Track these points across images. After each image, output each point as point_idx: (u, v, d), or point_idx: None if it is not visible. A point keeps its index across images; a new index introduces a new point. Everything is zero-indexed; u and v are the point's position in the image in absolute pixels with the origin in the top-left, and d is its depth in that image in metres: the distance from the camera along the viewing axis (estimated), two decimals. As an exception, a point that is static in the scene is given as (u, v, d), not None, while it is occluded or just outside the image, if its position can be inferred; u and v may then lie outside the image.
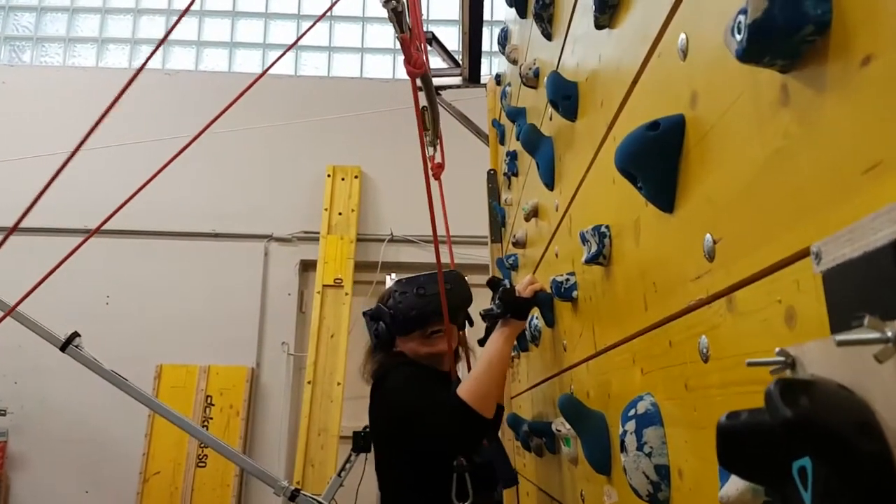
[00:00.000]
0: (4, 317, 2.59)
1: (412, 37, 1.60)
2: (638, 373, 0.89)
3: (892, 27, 0.42)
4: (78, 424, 4.84)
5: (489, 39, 5.43)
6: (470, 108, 3.92)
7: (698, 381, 0.70)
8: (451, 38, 5.63)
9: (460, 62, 3.85)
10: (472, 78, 3.80)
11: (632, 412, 0.81)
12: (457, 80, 3.90)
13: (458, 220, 3.42)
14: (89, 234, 2.49)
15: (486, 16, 3.69)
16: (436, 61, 3.96)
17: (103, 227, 2.49)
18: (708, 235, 0.67)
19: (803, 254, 0.50)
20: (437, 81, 3.77)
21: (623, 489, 0.88)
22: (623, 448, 0.81)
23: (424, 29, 3.47)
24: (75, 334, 3.09)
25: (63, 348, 3.04)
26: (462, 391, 1.56)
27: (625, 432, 0.81)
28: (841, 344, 0.32)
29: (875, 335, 0.31)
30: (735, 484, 0.53)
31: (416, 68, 1.60)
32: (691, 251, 0.71)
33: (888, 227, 0.34)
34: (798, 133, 0.52)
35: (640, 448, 0.78)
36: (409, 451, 1.74)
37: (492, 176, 3.20)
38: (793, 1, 0.49)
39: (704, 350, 0.68)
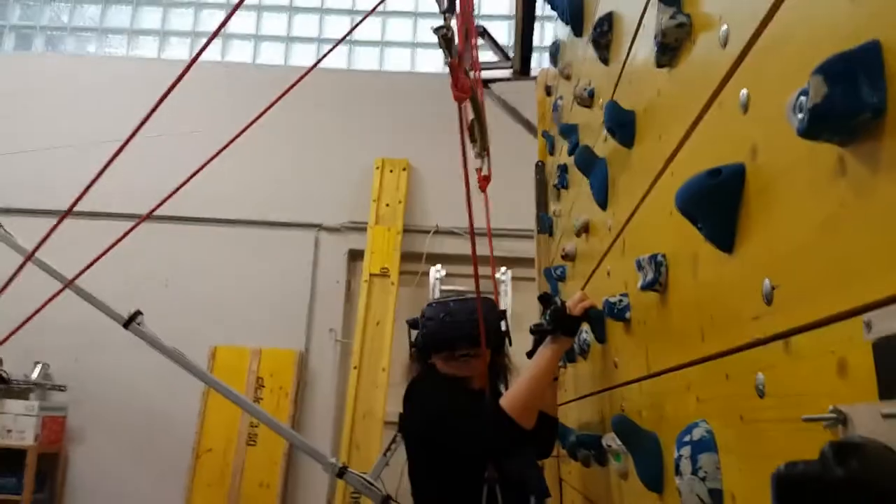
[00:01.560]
0: (61, 290, 2.76)
1: (461, 62, 1.66)
2: (693, 399, 0.95)
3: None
4: (134, 401, 5.10)
5: (538, 33, 5.47)
6: (517, 99, 3.94)
7: (754, 415, 0.75)
8: (499, 32, 5.69)
9: (509, 55, 3.91)
10: (523, 71, 3.86)
11: (687, 437, 0.88)
12: (507, 73, 3.95)
13: (502, 213, 3.47)
14: (143, 217, 2.65)
15: (537, 10, 3.74)
16: (486, 55, 4.01)
17: (164, 214, 2.65)
18: (767, 280, 0.73)
19: (854, 312, 0.55)
20: (486, 74, 3.84)
21: (678, 500, 0.94)
22: (678, 471, 0.87)
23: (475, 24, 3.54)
24: (138, 312, 3.25)
25: (126, 325, 3.20)
26: (502, 399, 1.63)
27: (680, 457, 0.87)
28: (887, 417, 0.38)
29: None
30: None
31: (464, 93, 1.66)
32: (750, 292, 0.76)
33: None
34: (853, 203, 0.58)
35: (694, 472, 0.84)
36: (442, 460, 1.80)
37: (540, 168, 3.24)
38: (851, 88, 0.54)
39: (761, 386, 0.73)
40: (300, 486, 5.00)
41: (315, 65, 2.71)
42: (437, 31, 1.36)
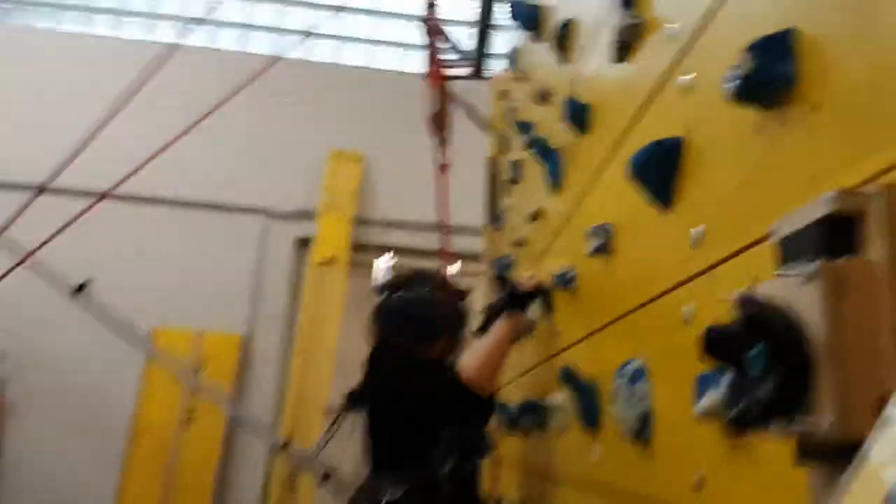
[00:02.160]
0: (18, 264, 2.77)
1: (438, 51, 1.80)
2: (629, 341, 1.10)
3: (832, 87, 0.64)
4: (73, 377, 5.02)
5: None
6: (469, 99, 4.11)
7: (681, 342, 0.91)
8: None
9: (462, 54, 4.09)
10: (478, 72, 4.05)
11: (623, 370, 1.03)
12: (464, 72, 4.12)
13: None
14: (97, 199, 2.68)
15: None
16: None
17: (115, 192, 2.68)
18: (697, 228, 0.89)
19: (766, 238, 0.72)
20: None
21: (611, 432, 1.09)
22: (615, 398, 1.02)
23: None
24: (88, 281, 3.19)
25: (78, 290, 3.13)
26: (468, 371, 1.71)
27: (618, 385, 1.02)
28: (778, 275, 0.54)
29: (798, 271, 0.52)
30: (708, 399, 0.74)
31: (441, 80, 1.80)
32: (682, 240, 0.92)
33: (814, 213, 0.55)
34: (768, 155, 0.74)
35: (629, 398, 1.00)
36: (409, 427, 1.89)
37: (492, 164, 3.39)
38: (771, 64, 0.71)
39: (688, 317, 0.89)
40: (237, 467, 5.01)
41: (278, 58, 2.81)
42: (426, 21, 1.49)
